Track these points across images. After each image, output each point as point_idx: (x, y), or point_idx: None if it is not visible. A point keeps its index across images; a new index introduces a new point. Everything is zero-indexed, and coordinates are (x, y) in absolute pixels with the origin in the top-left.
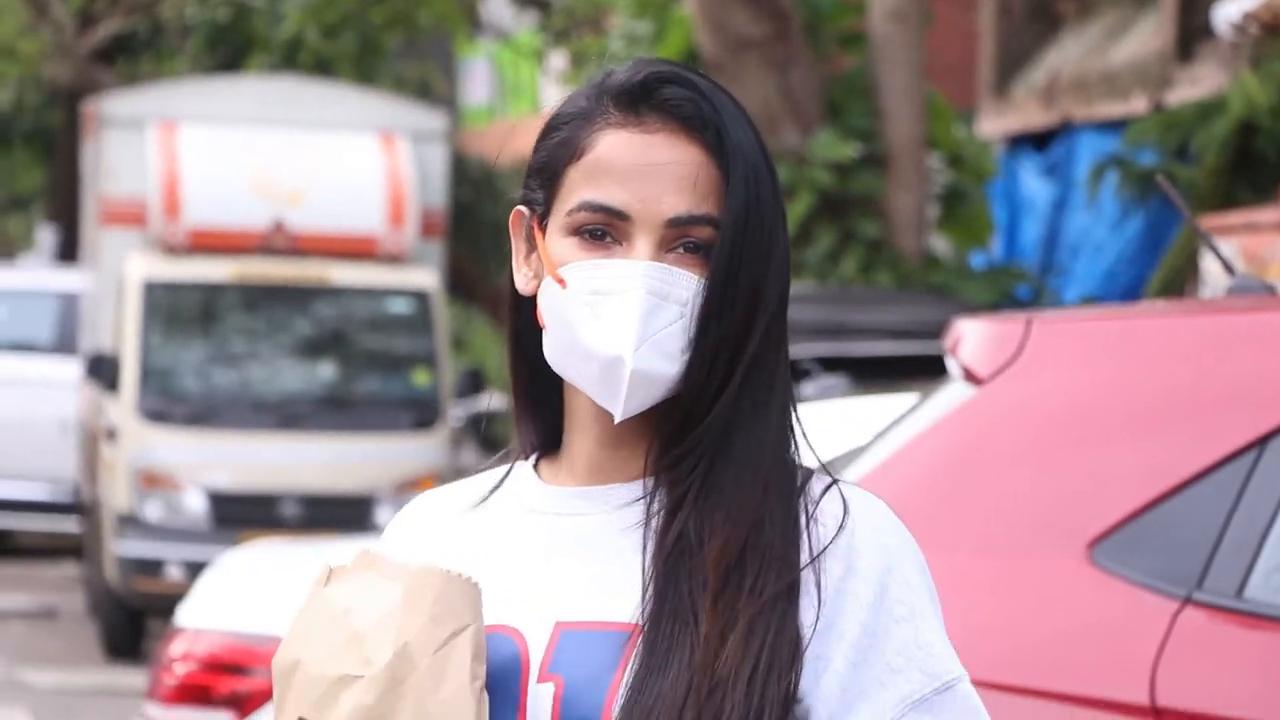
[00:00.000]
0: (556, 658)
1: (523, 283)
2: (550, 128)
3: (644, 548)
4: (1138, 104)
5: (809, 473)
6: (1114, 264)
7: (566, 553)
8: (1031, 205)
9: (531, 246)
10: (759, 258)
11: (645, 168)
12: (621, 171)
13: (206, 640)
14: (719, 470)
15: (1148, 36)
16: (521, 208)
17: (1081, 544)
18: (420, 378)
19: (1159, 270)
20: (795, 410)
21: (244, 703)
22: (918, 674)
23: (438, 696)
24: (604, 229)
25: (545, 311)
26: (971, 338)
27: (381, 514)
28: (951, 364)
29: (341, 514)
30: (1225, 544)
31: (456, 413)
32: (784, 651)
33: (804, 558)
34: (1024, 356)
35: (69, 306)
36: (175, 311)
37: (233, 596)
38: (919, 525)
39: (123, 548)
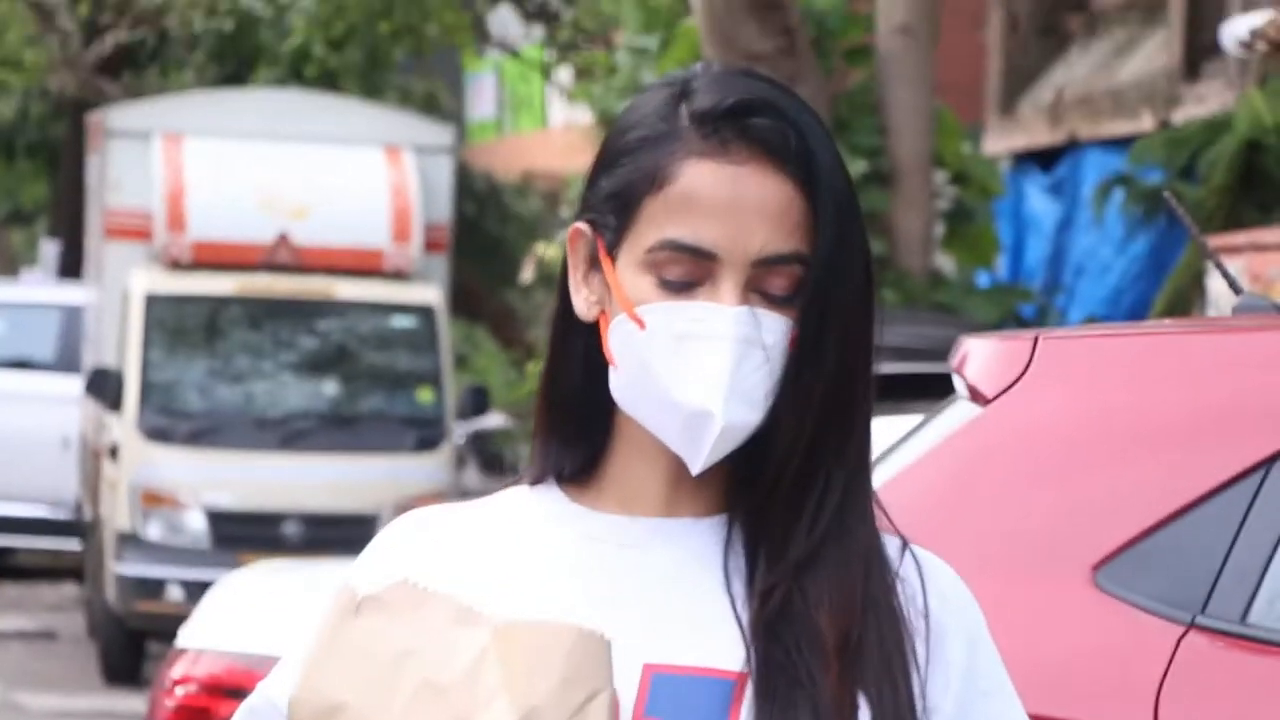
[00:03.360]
0: (653, 703)
1: (582, 306)
2: (623, 149)
3: (729, 589)
4: (1145, 122)
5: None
6: (1119, 283)
7: (643, 588)
8: (1037, 224)
9: (592, 267)
10: (851, 293)
11: (733, 203)
12: (708, 207)
13: (207, 662)
14: (833, 524)
15: (1155, 55)
16: (583, 226)
17: (1086, 567)
18: (424, 396)
19: (1164, 290)
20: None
21: None
22: None
23: None
24: (686, 269)
25: (619, 351)
26: (978, 356)
27: None
28: (957, 382)
29: (344, 534)
30: (1230, 568)
31: (459, 431)
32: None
33: (902, 619)
34: (1030, 375)
35: (72, 321)
36: (178, 326)
37: (235, 618)
38: (923, 545)
39: (123, 567)
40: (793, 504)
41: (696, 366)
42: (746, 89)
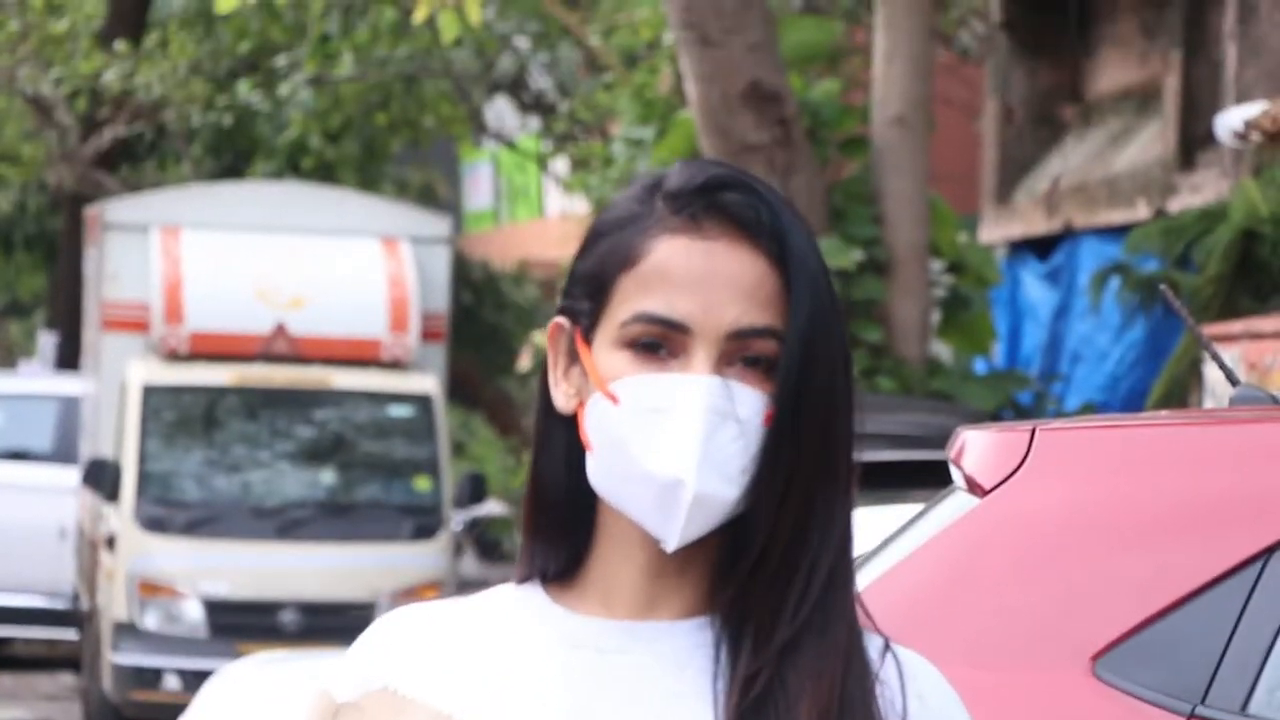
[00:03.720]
0: None
1: (561, 400)
2: (597, 233)
3: (714, 693)
4: (1140, 211)
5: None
6: (1116, 371)
7: (620, 694)
8: (1033, 312)
9: (572, 361)
10: (827, 371)
11: (706, 276)
12: (681, 280)
13: None
14: (815, 613)
15: (1150, 144)
16: (562, 320)
17: (1085, 657)
18: (422, 484)
19: (1161, 378)
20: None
21: None
22: None
23: None
24: (659, 342)
25: (593, 431)
26: (975, 447)
27: None
28: (955, 473)
29: (342, 622)
30: (1229, 658)
31: (456, 519)
32: None
33: None
34: (1028, 466)
35: (69, 412)
36: (176, 417)
37: (233, 710)
38: (922, 636)
39: (120, 657)
40: (777, 588)
41: (668, 437)
42: (717, 169)
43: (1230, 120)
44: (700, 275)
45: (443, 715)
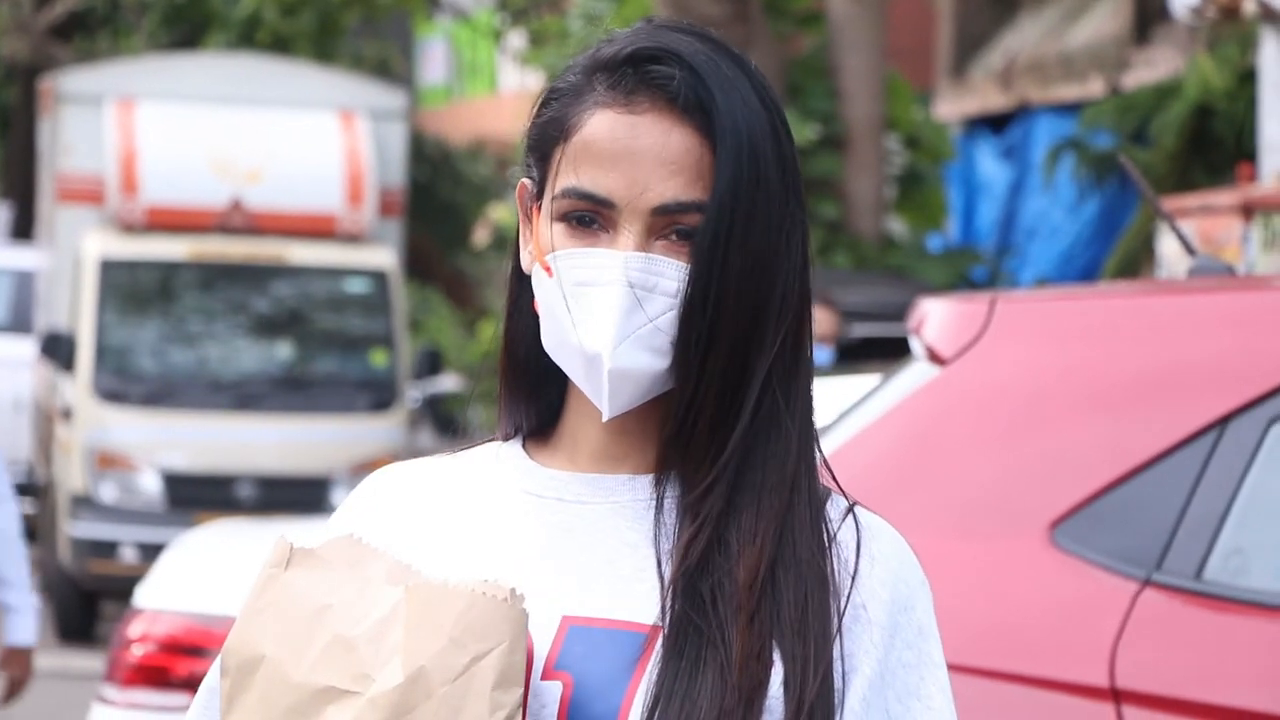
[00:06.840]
0: (564, 654)
1: (525, 260)
2: (543, 102)
3: (657, 545)
4: (1094, 87)
5: (826, 492)
6: (1070, 246)
7: (570, 541)
8: (988, 188)
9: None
10: (755, 242)
11: (629, 152)
12: (606, 156)
13: (165, 621)
14: (745, 476)
15: (1105, 20)
16: (526, 181)
17: (1042, 525)
18: (378, 358)
19: (1115, 253)
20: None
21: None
22: None
23: None
24: (591, 215)
25: (538, 298)
26: (935, 317)
27: (338, 496)
28: (915, 344)
29: (298, 495)
30: (1185, 526)
31: (413, 394)
32: (825, 681)
33: (830, 580)
34: (987, 336)
35: (24, 285)
36: (132, 290)
37: (192, 578)
38: (881, 506)
39: (77, 529)
40: (706, 452)
41: (590, 312)
42: (652, 38)
43: None
44: (625, 150)
45: (401, 565)
